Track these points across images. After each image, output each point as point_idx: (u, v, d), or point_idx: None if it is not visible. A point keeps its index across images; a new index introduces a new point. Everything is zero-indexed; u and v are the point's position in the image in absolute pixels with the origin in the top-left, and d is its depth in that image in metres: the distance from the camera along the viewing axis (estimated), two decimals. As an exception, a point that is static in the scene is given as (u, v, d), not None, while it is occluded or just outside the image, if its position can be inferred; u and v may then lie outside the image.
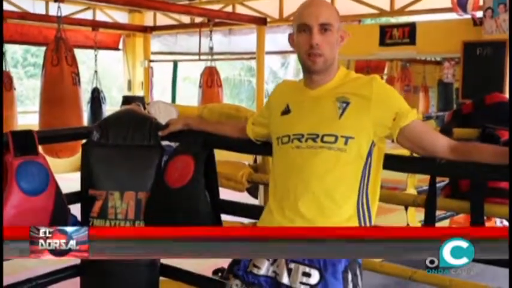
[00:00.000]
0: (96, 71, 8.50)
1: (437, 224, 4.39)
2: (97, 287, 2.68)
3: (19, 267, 3.05)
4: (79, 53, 6.70)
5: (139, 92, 10.08)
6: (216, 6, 9.08)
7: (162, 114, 3.06)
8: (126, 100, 3.05)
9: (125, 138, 2.67)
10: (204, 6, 8.87)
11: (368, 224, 1.91)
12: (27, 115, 10.36)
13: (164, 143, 2.75)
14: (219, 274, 3.76)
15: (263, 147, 2.28)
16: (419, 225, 4.37)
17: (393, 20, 8.57)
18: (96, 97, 8.31)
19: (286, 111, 2.01)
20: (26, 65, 19.56)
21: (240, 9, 9.05)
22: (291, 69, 16.99)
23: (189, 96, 13.05)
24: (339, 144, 1.86)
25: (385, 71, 9.42)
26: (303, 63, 1.97)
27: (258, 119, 2.24)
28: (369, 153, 1.90)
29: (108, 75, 14.63)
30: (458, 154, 1.91)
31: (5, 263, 2.37)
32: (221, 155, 2.74)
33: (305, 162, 1.88)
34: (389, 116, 1.88)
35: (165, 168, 2.60)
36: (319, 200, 1.86)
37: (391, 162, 2.05)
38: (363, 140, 1.88)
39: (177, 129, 2.60)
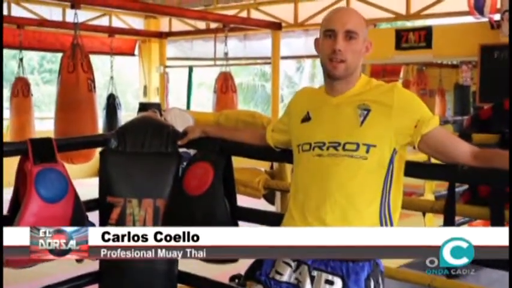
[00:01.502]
0: (112, 77, 8.57)
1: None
2: (115, 294, 2.68)
3: (38, 274, 3.06)
4: (93, 59, 6.75)
5: (155, 98, 10.13)
6: (231, 12, 9.11)
7: (178, 121, 3.06)
8: (143, 107, 3.07)
9: (142, 146, 2.68)
10: (219, 11, 8.90)
11: None
12: (44, 121, 10.45)
13: (181, 150, 2.75)
14: (236, 281, 3.75)
15: (281, 154, 2.28)
16: (437, 230, 4.33)
17: (409, 24, 8.54)
18: (112, 103, 8.38)
19: (307, 118, 2.00)
20: (42, 71, 19.77)
21: (255, 15, 9.07)
22: (306, 74, 17.00)
23: (204, 101, 13.10)
24: (361, 152, 1.86)
25: (401, 75, 9.39)
26: (324, 68, 1.96)
27: (278, 125, 2.24)
28: (391, 161, 1.89)
29: (122, 80, 14.74)
30: (480, 161, 1.90)
31: (24, 270, 2.39)
32: (238, 162, 2.74)
33: (327, 170, 1.88)
34: (410, 124, 1.88)
35: (184, 175, 2.60)
36: (341, 208, 1.86)
37: (412, 169, 2.04)
38: (385, 148, 1.88)
39: (196, 137, 2.60)
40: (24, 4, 8.65)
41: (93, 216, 2.64)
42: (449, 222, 2.51)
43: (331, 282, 1.83)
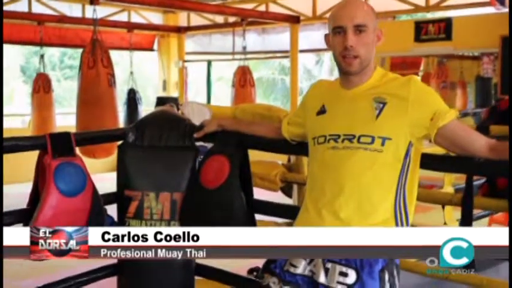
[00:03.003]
0: (131, 72, 8.63)
1: (476, 223, 4.33)
2: (133, 286, 2.71)
3: (58, 266, 3.10)
4: (113, 54, 6.81)
5: (174, 92, 10.18)
6: (249, 6, 9.10)
7: (196, 114, 3.07)
8: (160, 101, 3.08)
9: (159, 139, 2.70)
10: (237, 5, 8.89)
11: (405, 225, 1.90)
12: (66, 116, 10.55)
13: (199, 143, 2.76)
14: (254, 273, 3.77)
15: (297, 147, 2.28)
16: (456, 223, 4.31)
17: (429, 16, 8.46)
18: (132, 98, 8.44)
19: (322, 111, 2.00)
20: (63, 67, 19.98)
21: (273, 8, 9.05)
22: (325, 67, 16.96)
23: (223, 95, 13.12)
24: (376, 145, 1.85)
25: (422, 67, 9.30)
26: (338, 65, 1.96)
27: (294, 118, 2.24)
28: (407, 154, 1.88)
29: (143, 75, 14.82)
30: (497, 153, 1.87)
31: (43, 263, 2.43)
32: (255, 155, 2.74)
33: (341, 162, 1.88)
34: (427, 117, 1.87)
35: (200, 168, 2.61)
36: (355, 201, 1.86)
37: (428, 162, 2.03)
38: (400, 141, 1.87)
39: (212, 130, 2.61)
40: (44, 1, 8.73)
41: (112, 209, 2.67)
42: (467, 215, 2.50)
43: (345, 274, 1.83)
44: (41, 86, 7.82)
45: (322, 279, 1.86)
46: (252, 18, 8.33)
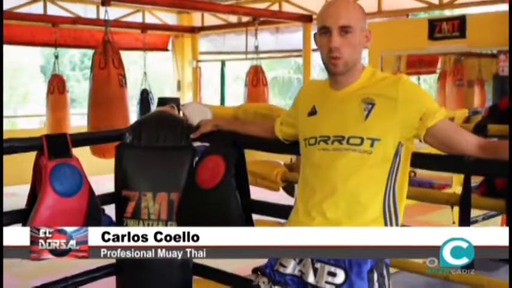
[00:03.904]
0: (145, 73, 8.70)
1: (489, 222, 4.28)
2: (132, 286, 2.73)
3: (59, 266, 3.13)
4: (131, 55, 6.85)
5: (188, 92, 10.22)
6: (262, 5, 9.09)
7: (196, 115, 3.08)
8: (162, 102, 3.09)
9: (157, 140, 2.72)
10: (250, 5, 8.89)
11: (395, 225, 1.89)
12: (85, 116, 10.63)
13: (199, 143, 2.77)
14: (258, 273, 3.76)
15: (292, 147, 2.28)
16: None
17: (448, 13, 8.38)
18: (145, 98, 8.50)
19: (313, 112, 2.01)
20: (83, 67, 20.14)
21: (286, 7, 9.04)
22: (341, 66, 16.88)
23: (240, 95, 13.14)
24: (365, 147, 1.85)
25: (439, 65, 9.23)
26: (325, 65, 1.96)
27: (286, 119, 2.25)
28: (396, 154, 1.88)
29: (160, 75, 14.90)
30: (487, 152, 1.87)
31: (43, 262, 2.45)
32: (259, 155, 2.74)
33: (331, 164, 1.88)
34: (416, 117, 1.86)
35: (196, 168, 2.62)
36: (344, 202, 1.86)
37: (419, 161, 2.02)
38: (390, 142, 1.87)
39: (208, 130, 2.62)
40: (59, 2, 8.82)
41: (110, 209, 2.69)
42: (464, 214, 2.47)
43: (333, 274, 1.84)
44: (56, 86, 7.90)
45: (311, 279, 1.86)
46: (265, 17, 8.32)
